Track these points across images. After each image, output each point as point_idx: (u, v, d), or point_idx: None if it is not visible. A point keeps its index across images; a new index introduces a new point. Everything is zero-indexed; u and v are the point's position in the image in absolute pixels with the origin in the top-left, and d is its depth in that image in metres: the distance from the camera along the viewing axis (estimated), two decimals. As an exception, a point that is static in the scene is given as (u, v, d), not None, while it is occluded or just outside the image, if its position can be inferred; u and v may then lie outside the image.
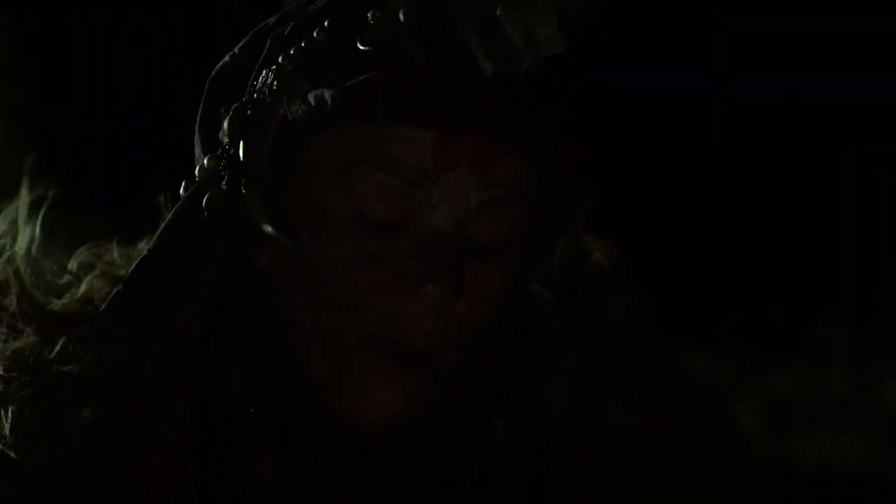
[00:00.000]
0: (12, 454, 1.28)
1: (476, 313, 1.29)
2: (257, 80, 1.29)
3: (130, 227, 1.50)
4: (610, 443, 1.37)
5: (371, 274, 1.27)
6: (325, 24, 1.27)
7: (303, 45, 1.27)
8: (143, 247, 1.46)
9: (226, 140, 1.29)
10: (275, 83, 1.27)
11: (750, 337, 3.65)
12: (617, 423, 1.38)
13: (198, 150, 1.35)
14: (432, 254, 1.26)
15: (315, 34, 1.27)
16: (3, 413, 1.30)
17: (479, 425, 1.35)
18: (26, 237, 1.43)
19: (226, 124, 1.28)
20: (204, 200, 1.29)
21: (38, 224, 1.44)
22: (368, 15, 1.25)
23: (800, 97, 3.53)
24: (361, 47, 1.24)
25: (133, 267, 1.31)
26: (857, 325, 3.75)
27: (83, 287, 1.41)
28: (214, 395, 1.32)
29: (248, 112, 1.28)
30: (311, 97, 1.25)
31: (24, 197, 1.44)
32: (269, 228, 1.26)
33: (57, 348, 1.34)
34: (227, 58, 1.36)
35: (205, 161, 1.31)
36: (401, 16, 1.24)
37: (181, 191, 1.34)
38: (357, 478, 1.32)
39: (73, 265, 1.45)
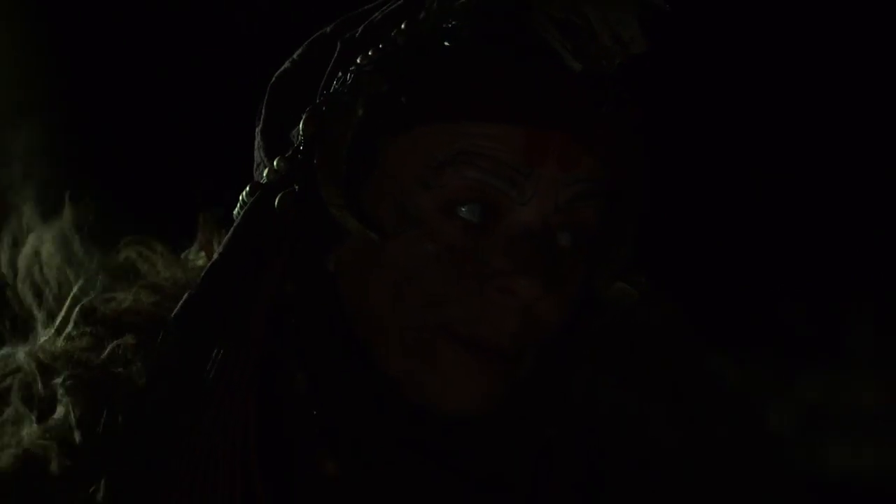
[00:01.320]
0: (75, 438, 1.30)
1: (557, 313, 1.30)
2: (331, 82, 1.30)
3: (164, 234, 1.52)
4: (655, 452, 1.38)
5: (458, 270, 1.28)
6: (403, 25, 1.28)
7: (381, 46, 1.28)
8: (188, 257, 1.47)
9: (298, 140, 1.30)
10: (354, 83, 1.28)
11: (778, 343, 3.65)
12: (662, 431, 1.39)
13: (260, 154, 1.35)
14: (525, 249, 1.27)
15: (393, 35, 1.28)
16: (62, 401, 1.32)
17: (534, 430, 1.36)
18: (68, 244, 1.44)
19: (301, 125, 1.29)
20: (276, 201, 1.29)
21: (79, 230, 1.45)
22: (450, 17, 1.26)
23: (830, 102, 3.53)
24: (448, 44, 1.25)
25: (204, 272, 1.32)
26: (886, 331, 3.75)
27: (130, 297, 1.42)
28: (278, 397, 1.32)
29: (325, 112, 1.29)
30: (401, 96, 1.26)
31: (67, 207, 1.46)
32: (354, 224, 1.27)
33: (106, 353, 1.35)
34: (287, 64, 1.37)
35: (274, 163, 1.31)
36: (485, 16, 1.26)
37: (243, 195, 1.35)
38: (416, 478, 1.32)
39: (118, 260, 1.46)
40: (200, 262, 1.46)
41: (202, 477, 1.26)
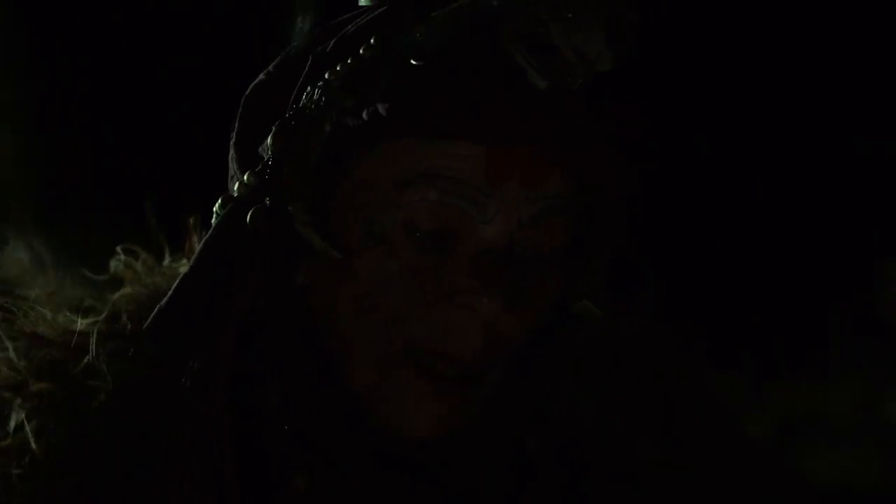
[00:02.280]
0: (37, 454, 1.30)
1: (522, 328, 1.29)
2: (301, 97, 1.30)
3: (149, 238, 1.52)
4: (641, 464, 1.38)
5: (422, 287, 1.27)
6: (372, 41, 1.28)
7: (349, 61, 1.28)
8: (171, 265, 1.47)
9: (267, 155, 1.30)
10: (322, 98, 1.27)
11: (759, 352, 3.65)
12: (647, 442, 1.39)
13: (233, 166, 1.35)
14: (486, 267, 1.27)
15: (362, 51, 1.28)
16: (25, 417, 1.32)
17: (513, 443, 1.36)
18: (45, 254, 1.44)
19: (269, 139, 1.29)
20: (248, 216, 1.29)
21: (55, 240, 1.45)
22: (416, 32, 1.26)
23: (827, 109, 3.54)
24: (414, 62, 1.25)
25: (175, 285, 1.32)
26: (866, 341, 3.76)
27: (109, 306, 1.42)
28: (251, 411, 1.32)
29: (293, 126, 1.28)
30: (363, 112, 1.26)
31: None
32: (318, 241, 1.27)
33: (81, 365, 1.35)
34: (261, 76, 1.37)
35: (244, 177, 1.31)
36: (450, 32, 1.25)
37: (216, 208, 1.34)
38: (390, 492, 1.32)
39: (106, 273, 1.46)
40: (182, 270, 1.46)
41: (176, 491, 1.26)
